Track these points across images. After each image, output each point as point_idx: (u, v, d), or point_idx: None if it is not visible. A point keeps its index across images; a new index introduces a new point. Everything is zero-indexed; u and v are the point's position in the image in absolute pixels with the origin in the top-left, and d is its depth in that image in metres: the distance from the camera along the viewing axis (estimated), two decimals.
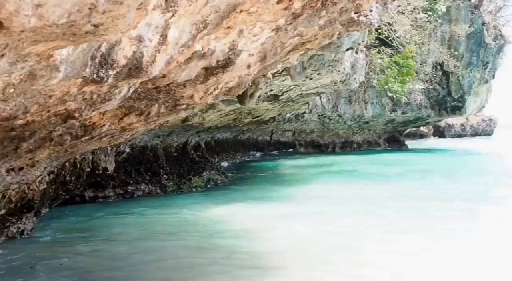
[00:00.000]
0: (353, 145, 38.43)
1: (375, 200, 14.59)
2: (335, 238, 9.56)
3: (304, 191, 16.82)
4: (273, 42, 4.96)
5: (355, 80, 17.38)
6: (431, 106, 36.45)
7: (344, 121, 32.69)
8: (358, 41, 13.22)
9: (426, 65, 30.39)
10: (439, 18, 28.47)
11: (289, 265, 7.64)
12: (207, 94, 5.49)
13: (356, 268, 7.54)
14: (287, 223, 11.09)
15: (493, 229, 10.81)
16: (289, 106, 19.81)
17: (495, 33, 34.98)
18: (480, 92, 38.35)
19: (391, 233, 10.03)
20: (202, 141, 22.99)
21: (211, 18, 3.69)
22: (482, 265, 7.82)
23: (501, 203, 14.26)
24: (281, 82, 14.36)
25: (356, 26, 5.81)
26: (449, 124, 65.85)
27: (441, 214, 12.16)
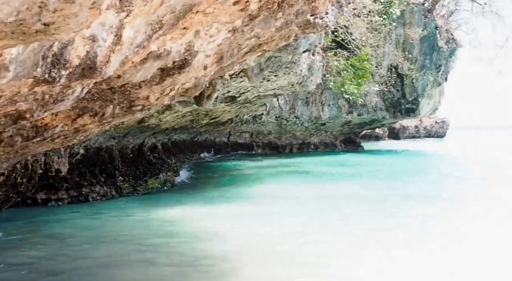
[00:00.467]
0: (310, 147, 38.74)
1: (328, 200, 14.97)
2: (291, 237, 9.64)
3: (261, 191, 16.92)
4: (230, 43, 4.95)
5: (312, 82, 17.53)
6: (386, 108, 37.07)
7: (301, 123, 32.92)
8: (315, 43, 13.37)
9: (381, 68, 30.89)
10: (394, 22, 29.03)
11: (246, 265, 7.63)
12: (163, 95, 5.43)
13: (312, 267, 7.59)
14: (244, 223, 11.13)
15: (437, 226, 11.22)
16: (246, 108, 19.82)
17: (447, 36, 35.86)
18: (433, 95, 39.21)
19: (343, 231, 10.35)
20: (158, 142, 22.76)
21: (166, 19, 3.64)
22: (429, 261, 8.01)
23: (447, 201, 14.94)
24: (239, 83, 14.35)
25: (312, 28, 5.84)
26: (403, 126, 67.18)
27: (388, 211, 12.85)
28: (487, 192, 17.14)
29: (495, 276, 7.46)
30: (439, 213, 13.06)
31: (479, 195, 16.34)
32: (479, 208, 13.74)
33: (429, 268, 7.69)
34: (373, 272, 7.45)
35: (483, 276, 7.43)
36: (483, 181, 20.08)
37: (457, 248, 8.96)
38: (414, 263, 7.98)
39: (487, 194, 16.41)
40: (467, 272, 7.55)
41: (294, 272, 7.38)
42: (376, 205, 14.12)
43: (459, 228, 11.03)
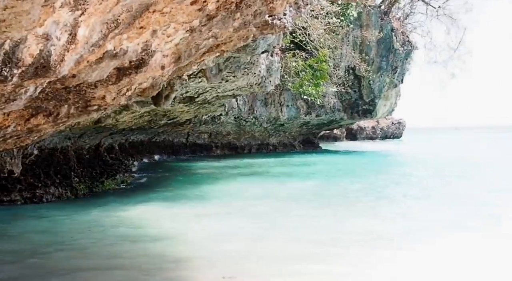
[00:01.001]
0: (269, 147, 38.90)
1: (285, 199, 15.21)
2: (249, 237, 9.66)
3: (220, 191, 16.94)
4: (188, 43, 4.92)
5: (270, 83, 17.61)
6: (344, 109, 37.52)
7: (260, 124, 33.00)
8: (273, 44, 13.43)
9: (339, 69, 31.26)
10: (351, 24, 29.46)
11: (202, 267, 7.57)
12: (120, 95, 5.36)
13: (269, 266, 7.62)
14: (201, 224, 11.10)
15: (388, 223, 11.42)
16: (205, 108, 19.75)
17: (403, 39, 36.56)
18: (390, 96, 39.88)
19: (298, 228, 10.59)
20: (115, 143, 22.48)
21: (123, 17, 3.60)
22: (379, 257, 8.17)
23: (397, 199, 15.41)
24: (197, 83, 14.30)
25: (271, 29, 5.88)
26: (361, 127, 68.16)
27: (342, 208, 13.38)
28: (436, 189, 17.82)
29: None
30: (388, 210, 13.56)
31: (427, 192, 16.96)
32: (426, 204, 14.17)
33: (377, 264, 7.82)
34: (326, 271, 7.51)
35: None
36: (433, 180, 20.74)
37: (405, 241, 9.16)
38: (363, 257, 8.11)
39: (435, 191, 17.01)
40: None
41: (253, 273, 7.39)
42: (334, 202, 14.55)
43: (408, 223, 11.41)
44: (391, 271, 7.47)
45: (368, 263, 7.88)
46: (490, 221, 11.51)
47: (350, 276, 7.27)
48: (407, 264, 7.87)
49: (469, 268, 7.66)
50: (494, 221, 11.51)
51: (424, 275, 7.37)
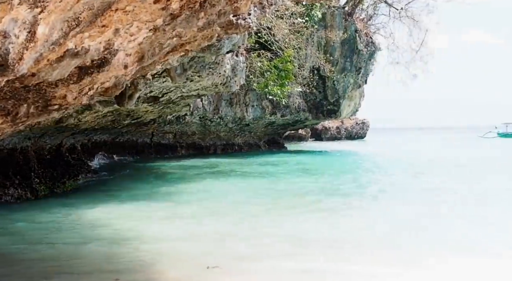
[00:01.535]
0: (234, 147, 38.86)
1: (252, 197, 15.43)
2: (211, 238, 9.64)
3: (185, 190, 16.96)
4: (151, 42, 4.87)
5: (235, 83, 17.61)
6: (308, 109, 37.74)
7: (226, 124, 32.94)
8: (238, 44, 13.39)
9: (303, 69, 31.44)
10: (316, 24, 29.66)
11: (167, 272, 7.48)
12: (82, 95, 5.26)
13: (231, 267, 7.62)
14: (164, 224, 11.03)
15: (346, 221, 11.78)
16: (169, 108, 19.60)
17: (366, 40, 36.98)
18: (354, 96, 40.31)
19: (261, 226, 10.84)
20: (78, 143, 22.11)
21: (84, 16, 3.53)
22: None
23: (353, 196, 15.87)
24: (161, 83, 14.17)
25: (235, 28, 5.85)
26: (325, 127, 68.73)
27: (301, 205, 13.78)
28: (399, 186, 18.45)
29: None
30: (348, 206, 14.00)
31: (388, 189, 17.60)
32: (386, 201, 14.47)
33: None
34: (293, 269, 7.54)
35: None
36: (394, 177, 21.32)
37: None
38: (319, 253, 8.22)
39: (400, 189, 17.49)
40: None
41: (217, 277, 7.39)
42: (298, 200, 14.98)
43: (364, 220, 11.93)
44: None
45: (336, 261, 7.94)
46: (436, 219, 12.02)
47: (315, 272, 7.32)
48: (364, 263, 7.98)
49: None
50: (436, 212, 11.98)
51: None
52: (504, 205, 14.03)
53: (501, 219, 11.96)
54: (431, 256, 8.28)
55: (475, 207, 13.74)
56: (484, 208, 13.58)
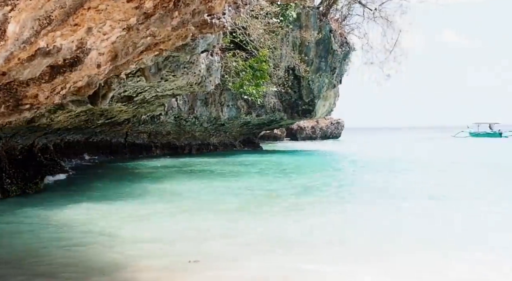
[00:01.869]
0: (209, 147, 38.76)
1: (221, 197, 15.46)
2: (185, 236, 9.63)
3: (157, 190, 16.86)
4: (125, 42, 4.83)
5: (210, 83, 17.57)
6: (284, 109, 37.83)
7: (201, 123, 32.83)
8: (213, 43, 13.37)
9: (279, 69, 31.50)
10: (290, 24, 29.75)
11: (143, 268, 7.42)
12: (54, 94, 5.20)
13: (210, 262, 7.62)
14: (137, 225, 10.95)
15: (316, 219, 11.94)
16: (144, 108, 19.46)
17: (341, 40, 37.22)
18: (329, 96, 40.53)
19: (231, 222, 11.07)
20: (50, 143, 21.80)
21: (56, 14, 3.49)
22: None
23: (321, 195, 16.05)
24: (136, 83, 14.06)
25: (210, 28, 5.84)
26: (301, 127, 69.00)
27: (274, 204, 13.91)
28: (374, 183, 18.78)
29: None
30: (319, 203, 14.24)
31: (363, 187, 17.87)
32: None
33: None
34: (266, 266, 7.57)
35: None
36: (370, 175, 21.58)
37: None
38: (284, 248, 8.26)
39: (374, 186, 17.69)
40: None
41: (200, 270, 7.43)
42: (271, 199, 15.16)
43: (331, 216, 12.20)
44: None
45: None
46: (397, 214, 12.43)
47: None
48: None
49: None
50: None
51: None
52: (458, 201, 14.47)
53: (453, 215, 12.30)
54: (382, 252, 8.46)
55: (435, 204, 14.11)
56: (443, 205, 13.91)
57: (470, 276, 7.29)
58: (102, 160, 28.77)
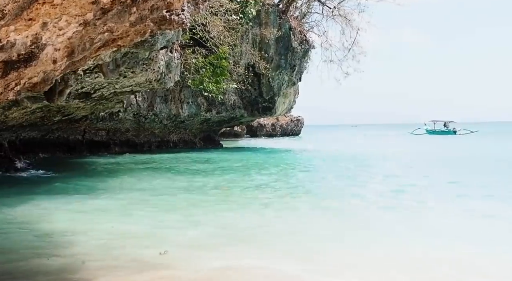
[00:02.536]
0: (169, 144, 38.48)
1: (178, 192, 15.51)
2: (144, 234, 9.58)
3: (115, 186, 16.79)
4: (81, 37, 4.76)
5: (170, 79, 17.48)
6: (244, 107, 37.85)
7: (160, 120, 32.55)
8: (173, 40, 13.30)
9: (239, 66, 31.47)
10: (250, 21, 29.76)
11: (96, 270, 7.29)
12: (8, 90, 5.08)
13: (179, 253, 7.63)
14: (98, 221, 10.84)
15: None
16: (102, 104, 19.21)
17: (300, 38, 37.40)
18: (289, 94, 40.74)
19: (187, 219, 11.14)
20: (5, 140, 21.30)
21: (9, 8, 3.42)
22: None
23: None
24: (93, 79, 13.86)
25: (169, 24, 5.80)
26: (261, 124, 69.26)
27: (230, 200, 14.20)
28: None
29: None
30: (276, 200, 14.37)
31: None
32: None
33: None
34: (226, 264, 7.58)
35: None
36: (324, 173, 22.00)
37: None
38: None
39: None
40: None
41: (171, 260, 7.58)
42: (228, 195, 15.35)
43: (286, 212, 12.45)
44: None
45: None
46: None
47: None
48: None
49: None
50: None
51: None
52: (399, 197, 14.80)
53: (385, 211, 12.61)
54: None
55: (388, 199, 14.36)
56: (389, 201, 14.17)
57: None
58: (59, 158, 28.23)
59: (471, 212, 12.29)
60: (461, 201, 13.86)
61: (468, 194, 15.10)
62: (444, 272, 7.28)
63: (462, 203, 13.62)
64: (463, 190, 15.83)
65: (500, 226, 10.67)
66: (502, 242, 9.25)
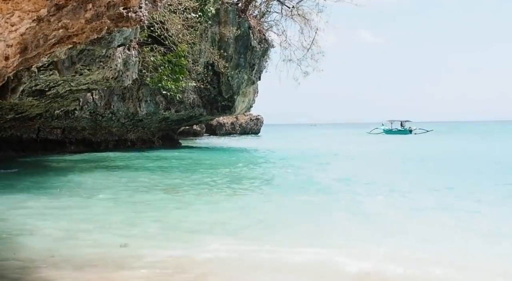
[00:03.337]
0: (127, 143, 38.00)
1: (134, 190, 15.52)
2: (106, 234, 9.45)
3: (68, 184, 16.53)
4: (35, 33, 4.64)
5: (128, 77, 17.27)
6: (203, 105, 37.69)
7: (118, 119, 32.10)
8: (130, 37, 13.15)
9: (198, 65, 31.30)
10: (209, 20, 29.66)
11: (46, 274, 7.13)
12: None
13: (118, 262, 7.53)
14: (50, 220, 10.67)
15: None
16: (57, 102, 18.82)
17: (260, 37, 37.46)
18: (248, 93, 40.78)
19: (135, 212, 11.49)
20: None
21: None
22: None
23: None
24: (48, 76, 13.56)
25: (126, 21, 5.71)
26: (220, 123, 69.25)
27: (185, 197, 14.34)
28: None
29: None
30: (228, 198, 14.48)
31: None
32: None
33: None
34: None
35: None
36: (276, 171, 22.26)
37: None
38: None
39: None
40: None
41: (133, 251, 7.71)
42: (181, 192, 15.46)
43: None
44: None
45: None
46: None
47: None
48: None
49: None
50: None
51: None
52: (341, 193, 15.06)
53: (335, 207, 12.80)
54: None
55: (335, 196, 14.53)
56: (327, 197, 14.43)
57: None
58: (11, 156, 27.51)
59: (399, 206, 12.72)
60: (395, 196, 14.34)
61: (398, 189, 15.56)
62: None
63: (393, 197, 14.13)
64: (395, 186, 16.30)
65: (428, 220, 11.05)
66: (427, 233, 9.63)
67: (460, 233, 9.67)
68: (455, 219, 10.91)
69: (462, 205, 12.54)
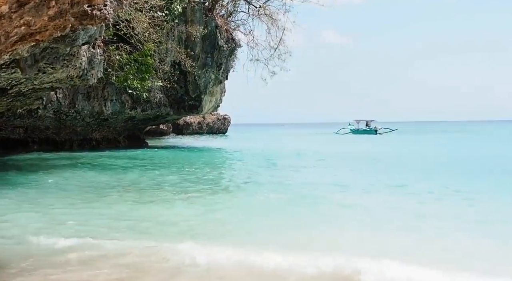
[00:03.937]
0: (92, 143, 37.48)
1: (102, 190, 15.46)
2: (66, 231, 9.39)
3: (35, 181, 16.62)
4: None
5: (92, 76, 17.04)
6: (170, 104, 37.40)
7: (82, 118, 31.62)
8: (95, 35, 12.97)
9: (164, 64, 31.06)
10: (176, 18, 29.47)
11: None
12: None
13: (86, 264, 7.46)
14: (14, 217, 10.64)
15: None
16: (19, 101, 18.41)
17: (227, 36, 37.37)
18: (215, 92, 40.66)
19: (114, 216, 11.30)
20: None
21: None
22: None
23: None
24: (10, 74, 13.24)
25: (90, 19, 5.62)
26: (187, 122, 68.97)
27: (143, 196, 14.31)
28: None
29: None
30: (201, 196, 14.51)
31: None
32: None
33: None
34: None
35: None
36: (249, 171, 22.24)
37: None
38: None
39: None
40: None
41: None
42: (143, 191, 15.48)
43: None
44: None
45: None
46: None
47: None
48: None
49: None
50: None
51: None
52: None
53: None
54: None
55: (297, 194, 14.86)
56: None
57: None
58: None
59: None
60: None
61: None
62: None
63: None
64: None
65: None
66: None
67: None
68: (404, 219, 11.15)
69: (407, 204, 12.91)
